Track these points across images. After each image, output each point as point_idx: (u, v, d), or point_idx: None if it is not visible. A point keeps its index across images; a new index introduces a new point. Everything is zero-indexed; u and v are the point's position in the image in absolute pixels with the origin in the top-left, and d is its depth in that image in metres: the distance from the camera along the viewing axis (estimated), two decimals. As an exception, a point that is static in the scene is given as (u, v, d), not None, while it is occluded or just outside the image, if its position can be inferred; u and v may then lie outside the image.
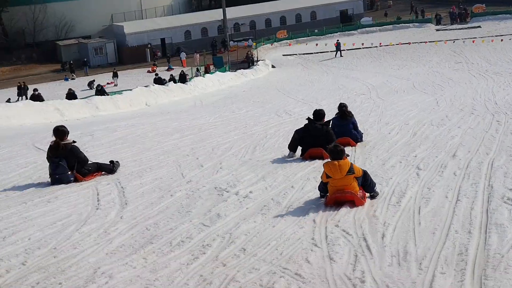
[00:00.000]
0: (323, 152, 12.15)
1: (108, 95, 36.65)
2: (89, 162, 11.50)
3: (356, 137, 14.29)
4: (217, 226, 8.16)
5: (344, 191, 8.79)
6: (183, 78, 46.37)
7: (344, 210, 8.66)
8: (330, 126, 13.16)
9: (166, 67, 62.95)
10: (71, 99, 31.56)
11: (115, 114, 29.82)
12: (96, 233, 8.03)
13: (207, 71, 52.84)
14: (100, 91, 37.82)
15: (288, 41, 71.11)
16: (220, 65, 58.76)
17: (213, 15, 74.44)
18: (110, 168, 11.86)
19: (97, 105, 29.99)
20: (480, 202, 8.68)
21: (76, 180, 11.13)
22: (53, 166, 11.11)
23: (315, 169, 11.63)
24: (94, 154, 14.27)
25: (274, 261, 6.81)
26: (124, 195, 10.09)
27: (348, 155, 9.94)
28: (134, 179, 11.34)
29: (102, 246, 7.51)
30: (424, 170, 11.01)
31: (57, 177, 11.04)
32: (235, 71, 54.37)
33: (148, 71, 61.51)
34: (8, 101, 38.83)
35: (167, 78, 48.41)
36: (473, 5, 79.38)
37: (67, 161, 11.08)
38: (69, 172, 11.08)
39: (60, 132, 11.29)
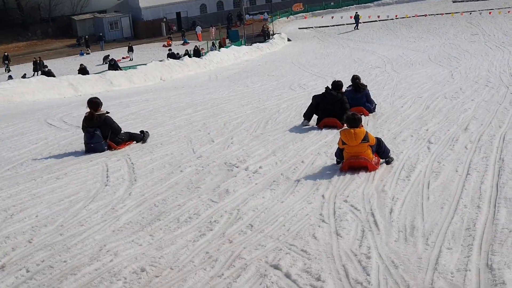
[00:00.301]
0: (337, 122, 12.90)
1: (121, 69, 36.62)
2: (121, 132, 12.18)
3: (369, 108, 14.64)
4: (226, 202, 8.15)
5: (359, 157, 9.25)
6: (197, 53, 46.29)
7: (353, 184, 8.64)
8: (345, 95, 13.57)
9: (182, 41, 62.80)
10: (83, 75, 31.53)
11: (129, 89, 29.82)
12: (103, 210, 8.04)
13: (222, 45, 52.63)
14: (113, 66, 37.79)
15: (304, 14, 70.65)
16: (235, 39, 58.54)
17: (229, -11, 74.15)
18: (141, 137, 12.58)
19: (111, 80, 29.99)
20: (491, 176, 8.61)
21: (110, 148, 11.84)
22: (88, 135, 11.75)
23: (326, 143, 11.59)
24: (106, 130, 14.28)
25: (281, 237, 6.80)
26: (133, 171, 10.10)
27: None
28: (144, 155, 11.35)
29: (109, 223, 7.53)
30: (435, 144, 10.94)
31: (92, 146, 11.70)
32: (250, 45, 54.12)
33: (164, 45, 61.40)
34: (24, 76, 38.97)
35: (182, 53, 48.31)
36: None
37: (101, 131, 11.75)
38: (103, 141, 11.75)
39: (94, 103, 11.92)
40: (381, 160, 9.64)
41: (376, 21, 62.37)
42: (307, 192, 8.42)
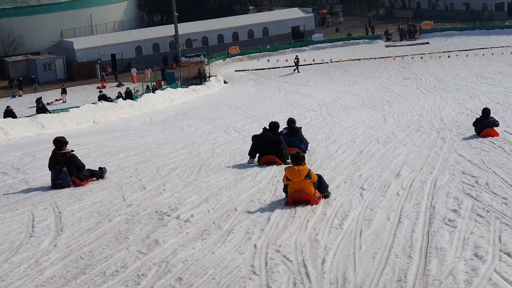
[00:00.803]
0: (276, 159, 13.95)
1: (49, 112, 35.91)
2: (84, 169, 12.84)
3: (303, 149, 14.80)
4: (155, 253, 7.92)
5: (301, 192, 10.02)
6: (129, 95, 45.77)
7: (286, 233, 8.52)
8: (281, 136, 14.40)
9: (116, 83, 62.32)
10: (8, 117, 30.70)
11: (61, 132, 29.21)
12: (27, 263, 7.72)
13: (155, 88, 52.22)
14: (41, 108, 36.94)
15: (240, 56, 71.07)
16: (171, 81, 58.40)
17: (165, 31, 73.91)
18: (100, 174, 13.23)
19: (43, 123, 29.38)
20: (422, 224, 8.62)
21: (75, 184, 12.48)
22: (55, 172, 12.48)
23: (260, 190, 11.48)
24: (34, 177, 13.92)
25: (210, 290, 6.62)
26: (60, 221, 9.78)
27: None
28: (72, 203, 11.04)
29: (32, 277, 7.22)
30: (368, 190, 10.95)
31: (59, 182, 12.37)
32: (187, 87, 54.07)
33: (98, 87, 60.74)
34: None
35: (116, 95, 47.83)
36: (422, 21, 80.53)
37: (67, 168, 12.45)
38: (69, 178, 12.46)
39: (59, 142, 12.77)
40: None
41: (311, 64, 63.16)
42: (239, 242, 8.26)
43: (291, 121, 15.42)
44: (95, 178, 13.08)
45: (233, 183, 12.20)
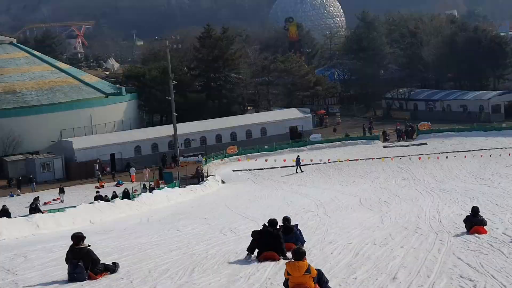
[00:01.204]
0: (275, 255, 14.50)
1: (42, 212, 35.66)
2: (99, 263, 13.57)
3: (297, 244, 15.23)
4: None
5: (301, 286, 10.39)
6: (126, 195, 45.61)
7: None
8: (280, 231, 15.14)
9: (114, 183, 62.33)
10: (3, 217, 30.44)
11: (56, 232, 28.95)
12: None
13: (152, 187, 52.02)
14: (35, 209, 36.70)
15: (238, 156, 71.39)
16: (169, 181, 58.40)
17: (164, 131, 74.50)
18: (113, 268, 13.93)
19: (38, 223, 29.11)
20: (418, 331, 8.32)
21: (90, 278, 13.19)
22: (72, 266, 13.25)
23: (252, 294, 11.20)
24: (24, 278, 13.63)
25: None
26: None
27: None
28: (61, 307, 10.74)
29: None
30: (363, 294, 10.67)
31: (75, 276, 13.11)
32: (184, 186, 54.01)
33: (96, 187, 60.75)
34: None
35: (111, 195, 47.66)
36: (419, 122, 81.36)
37: (83, 262, 13.19)
38: (85, 272, 13.20)
39: (76, 238, 13.56)
40: None
41: (309, 164, 63.33)
42: None
43: (285, 220, 16.40)
44: (109, 272, 13.75)
45: (225, 285, 11.92)
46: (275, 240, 14.74)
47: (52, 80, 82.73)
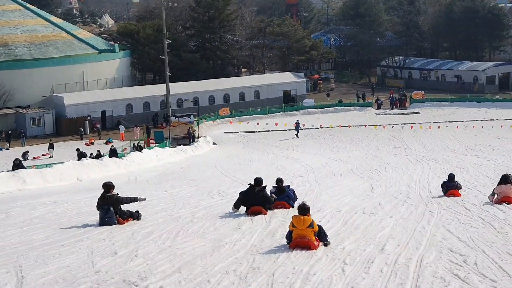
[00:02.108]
0: (262, 209, 15.88)
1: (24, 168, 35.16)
2: (125, 210, 15.08)
3: (291, 204, 17.07)
4: (115, 329, 7.32)
5: (304, 238, 11.52)
6: (114, 153, 45.10)
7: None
8: (265, 190, 16.34)
9: (105, 140, 61.90)
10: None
11: (42, 188, 28.61)
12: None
13: (141, 147, 51.40)
14: (18, 166, 36.23)
15: (230, 118, 70.98)
16: (160, 140, 58.01)
17: (156, 90, 73.85)
18: (137, 215, 15.42)
19: (24, 178, 28.74)
20: (406, 307, 8.05)
21: (118, 222, 14.60)
22: (103, 211, 14.66)
23: (237, 260, 10.91)
24: (4, 236, 13.31)
25: None
26: (21, 287, 9.14)
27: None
28: (38, 267, 10.43)
29: None
30: (350, 265, 10.40)
31: (106, 220, 14.55)
32: (175, 146, 53.66)
33: (86, 144, 60.38)
34: None
35: (104, 152, 47.24)
36: (413, 91, 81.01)
37: (113, 208, 14.65)
38: (114, 217, 14.64)
39: (107, 186, 15.06)
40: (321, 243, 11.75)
41: (301, 129, 62.99)
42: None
43: (279, 181, 17.63)
44: (132, 218, 15.16)
45: (209, 251, 11.61)
46: (261, 200, 16.04)
47: (46, 34, 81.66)
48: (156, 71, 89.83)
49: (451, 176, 21.57)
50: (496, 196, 18.33)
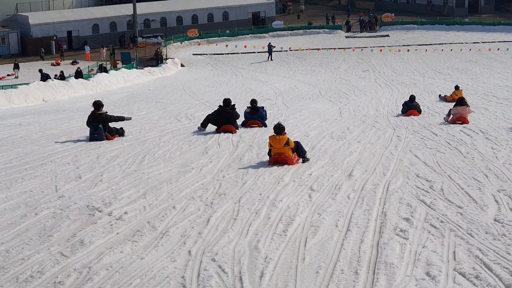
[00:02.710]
0: (232, 128, 17.10)
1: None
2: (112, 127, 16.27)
3: (264, 124, 18.81)
4: (77, 256, 7.18)
5: (281, 155, 12.63)
6: (79, 75, 44.38)
7: (225, 238, 7.85)
8: (235, 109, 17.70)
9: (71, 61, 60.84)
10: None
11: (7, 110, 28.18)
12: None
13: (105, 68, 50.46)
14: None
15: (198, 40, 69.98)
16: (127, 61, 57.13)
17: (123, 10, 72.31)
18: (122, 132, 16.65)
19: (-12, 99, 28.29)
20: (372, 234, 8.01)
21: (107, 139, 15.79)
22: (93, 128, 15.85)
23: (203, 186, 10.80)
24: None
25: (133, 305, 5.91)
26: (-18, 212, 8.96)
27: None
28: (0, 191, 10.21)
29: None
30: (317, 191, 10.33)
31: (96, 136, 15.70)
32: (142, 68, 52.96)
33: (52, 64, 59.35)
34: None
35: (72, 72, 46.44)
36: (383, 13, 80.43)
37: (103, 125, 15.83)
38: (103, 133, 15.81)
39: (97, 105, 16.16)
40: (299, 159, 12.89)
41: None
42: (172, 247, 7.56)
43: (253, 101, 19.44)
44: (118, 135, 16.37)
45: (175, 177, 11.47)
46: (231, 118, 17.28)
47: (9, -50, 78.98)
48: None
49: (412, 97, 23.39)
50: (452, 116, 19.92)
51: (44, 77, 40.19)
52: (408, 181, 10.97)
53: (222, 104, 17.61)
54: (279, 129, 12.78)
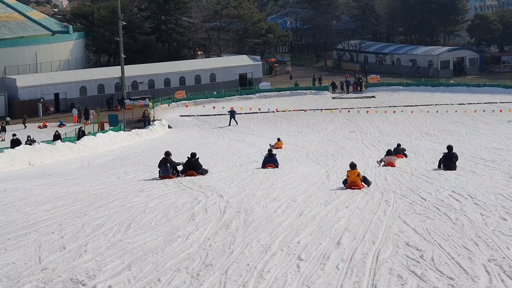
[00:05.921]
0: (194, 173, 23.53)
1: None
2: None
3: (277, 165, 26.90)
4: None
5: (354, 182, 19.20)
6: (57, 138, 44.08)
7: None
8: (198, 160, 24.23)
9: (58, 123, 60.80)
10: None
11: (-8, 174, 27.88)
12: None
13: (83, 132, 50.02)
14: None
15: (186, 102, 70.25)
16: (115, 123, 57.15)
17: (111, 72, 72.76)
18: (178, 174, 23.56)
19: (-27, 164, 28.03)
20: (362, 308, 7.83)
21: (170, 177, 22.53)
22: (164, 169, 23.08)
23: (189, 256, 10.61)
24: None
25: None
26: (-38, 287, 8.73)
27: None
28: (-19, 264, 9.99)
29: None
30: (305, 261, 10.17)
31: (165, 171, 22.94)
32: (130, 130, 52.95)
33: (39, 127, 59.30)
34: None
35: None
36: (369, 75, 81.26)
37: (170, 167, 23.17)
38: (170, 172, 23.03)
39: (166, 153, 23.91)
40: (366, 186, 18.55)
41: (257, 113, 62.77)
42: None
43: (270, 150, 28.45)
44: (176, 175, 23.31)
45: (161, 246, 11.28)
46: (195, 166, 23.83)
47: (-3, 14, 79.81)
48: (110, 53, 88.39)
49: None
50: (383, 162, 27.10)
51: (15, 143, 39.52)
52: (398, 250, 10.83)
53: (189, 156, 24.10)
54: (353, 165, 19.57)
